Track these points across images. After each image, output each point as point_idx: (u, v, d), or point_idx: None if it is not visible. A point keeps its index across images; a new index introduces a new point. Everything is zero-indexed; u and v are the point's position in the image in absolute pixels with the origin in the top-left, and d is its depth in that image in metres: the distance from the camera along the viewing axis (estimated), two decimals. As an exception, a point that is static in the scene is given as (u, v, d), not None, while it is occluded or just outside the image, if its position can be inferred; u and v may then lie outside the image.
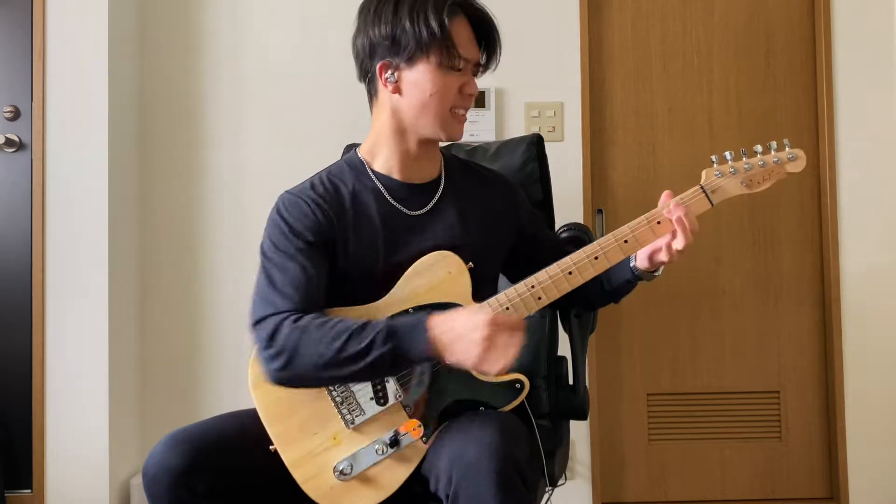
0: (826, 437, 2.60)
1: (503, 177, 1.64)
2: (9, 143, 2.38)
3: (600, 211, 2.58)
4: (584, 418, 1.72)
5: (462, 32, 1.41)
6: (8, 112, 2.39)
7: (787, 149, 1.40)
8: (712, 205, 1.40)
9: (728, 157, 1.40)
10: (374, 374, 1.30)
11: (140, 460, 2.50)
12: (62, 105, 2.36)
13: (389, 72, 1.41)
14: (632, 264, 1.45)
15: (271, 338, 1.28)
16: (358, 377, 1.28)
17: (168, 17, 2.60)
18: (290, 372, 1.27)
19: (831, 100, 2.57)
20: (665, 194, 1.41)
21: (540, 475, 1.43)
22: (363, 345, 1.23)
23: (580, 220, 2.46)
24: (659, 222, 1.39)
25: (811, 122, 2.61)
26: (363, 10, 1.44)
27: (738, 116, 2.62)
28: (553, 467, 1.57)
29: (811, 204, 2.61)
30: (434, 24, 1.36)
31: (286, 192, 1.45)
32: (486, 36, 1.45)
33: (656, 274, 1.46)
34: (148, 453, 1.32)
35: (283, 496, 1.40)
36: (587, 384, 1.79)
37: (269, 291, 1.33)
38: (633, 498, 2.60)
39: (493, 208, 1.54)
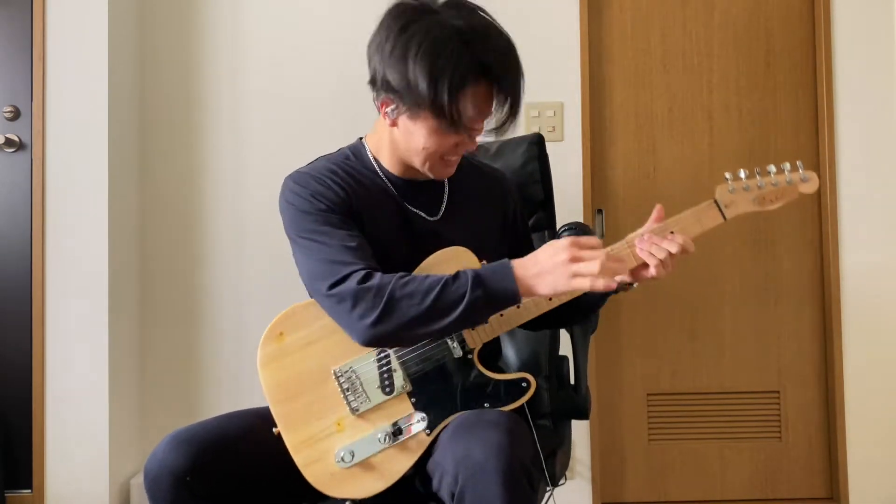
0: (826, 437, 2.60)
1: (504, 176, 1.64)
2: (9, 143, 2.38)
3: (600, 211, 2.58)
4: (586, 418, 1.72)
5: (475, 100, 1.32)
6: (8, 112, 2.39)
7: (800, 171, 1.42)
8: (725, 219, 1.41)
9: (742, 175, 1.41)
10: (466, 323, 1.29)
11: (140, 460, 2.50)
12: (62, 105, 2.36)
13: (390, 108, 1.37)
14: None
15: (359, 294, 1.27)
16: (450, 328, 1.27)
17: (168, 16, 2.60)
18: (386, 325, 1.26)
19: (831, 100, 2.57)
20: (655, 211, 1.38)
21: (540, 475, 1.43)
22: (458, 294, 1.25)
23: (580, 220, 2.46)
24: (672, 233, 1.37)
25: (811, 122, 2.61)
26: (386, 32, 1.33)
27: (738, 116, 2.62)
28: (554, 467, 1.57)
29: (811, 204, 2.61)
30: (444, 96, 1.27)
31: (293, 173, 1.45)
32: (509, 97, 1.34)
33: (633, 286, 1.42)
34: (150, 452, 1.32)
35: (284, 497, 1.40)
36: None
37: (330, 256, 1.31)
38: (633, 498, 2.60)
39: (496, 209, 1.55)
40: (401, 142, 1.41)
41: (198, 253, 2.56)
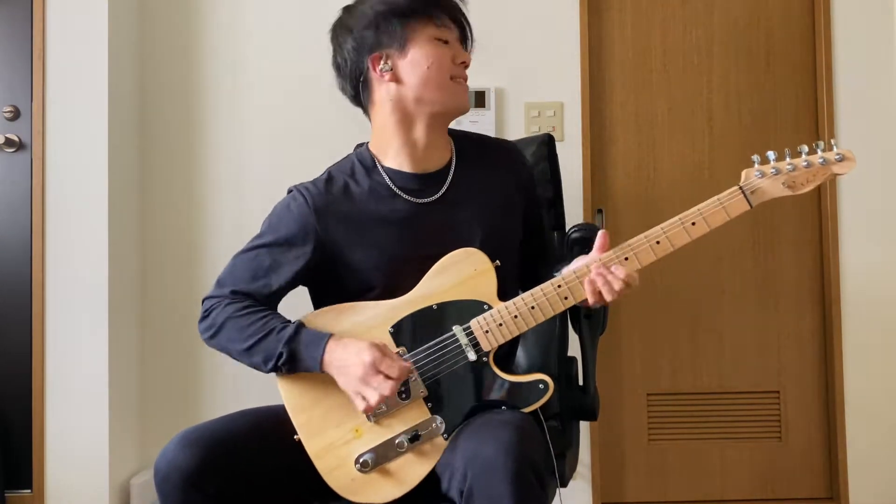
0: (826, 437, 2.60)
1: (514, 147, 1.62)
2: (9, 143, 2.38)
3: (600, 211, 2.57)
4: (594, 419, 1.71)
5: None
6: (8, 112, 2.39)
7: (834, 149, 1.33)
8: (751, 206, 1.34)
9: (771, 156, 1.34)
10: (272, 369, 1.39)
11: (140, 460, 2.50)
12: (62, 105, 2.36)
13: (382, 62, 1.44)
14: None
15: (205, 315, 1.48)
16: (259, 368, 1.40)
17: (168, 16, 2.59)
18: (213, 343, 1.46)
19: (831, 100, 2.57)
20: (600, 236, 1.37)
21: (551, 476, 1.43)
22: (268, 351, 1.37)
23: (580, 220, 2.46)
24: (694, 223, 1.35)
25: (811, 122, 2.61)
26: (336, 28, 1.52)
27: (738, 116, 2.62)
28: (564, 467, 1.56)
29: (811, 204, 2.61)
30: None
31: (294, 185, 1.50)
32: (456, 16, 1.51)
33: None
34: (150, 452, 1.32)
35: (293, 497, 1.40)
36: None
37: (228, 276, 1.49)
38: (633, 498, 2.60)
39: (507, 188, 1.53)
40: (410, 89, 1.43)
41: (198, 252, 2.56)
